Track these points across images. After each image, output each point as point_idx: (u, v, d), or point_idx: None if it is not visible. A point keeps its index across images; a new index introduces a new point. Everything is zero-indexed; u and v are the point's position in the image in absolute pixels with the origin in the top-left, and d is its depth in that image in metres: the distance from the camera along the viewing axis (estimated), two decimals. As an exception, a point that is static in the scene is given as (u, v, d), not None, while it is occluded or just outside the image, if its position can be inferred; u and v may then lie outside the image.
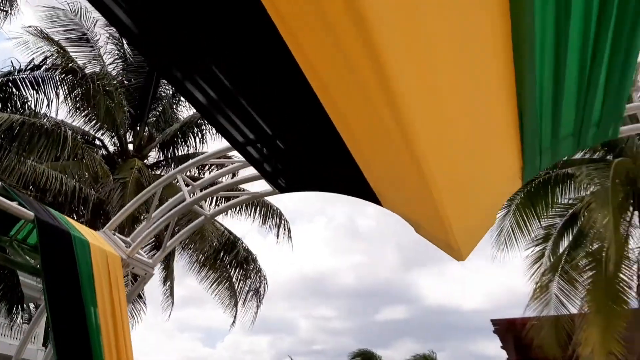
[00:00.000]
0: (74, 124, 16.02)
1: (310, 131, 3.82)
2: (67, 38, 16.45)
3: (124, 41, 17.71)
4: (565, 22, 2.72)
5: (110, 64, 17.49)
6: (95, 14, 16.71)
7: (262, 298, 15.26)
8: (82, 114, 15.72)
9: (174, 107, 18.05)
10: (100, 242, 4.90)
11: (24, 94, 13.84)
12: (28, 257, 4.89)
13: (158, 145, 16.29)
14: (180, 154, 17.16)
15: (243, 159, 4.67)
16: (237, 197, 5.76)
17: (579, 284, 12.56)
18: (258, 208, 16.19)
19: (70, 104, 15.15)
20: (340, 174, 4.15)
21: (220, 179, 7.25)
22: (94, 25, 16.66)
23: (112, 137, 16.57)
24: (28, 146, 10.16)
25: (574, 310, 12.52)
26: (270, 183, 4.60)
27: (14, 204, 4.48)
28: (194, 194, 5.96)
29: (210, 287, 16.15)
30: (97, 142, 16.41)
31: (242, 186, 5.97)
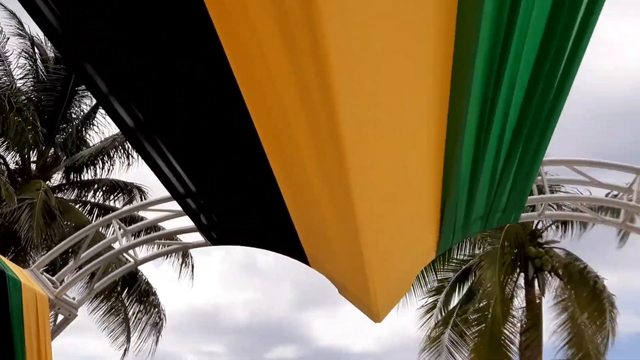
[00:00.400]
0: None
1: (250, 188, 4.09)
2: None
3: (38, 57, 17.17)
4: (487, 130, 3.24)
5: (20, 79, 16.81)
6: (7, 28, 16.15)
7: (160, 332, 14.89)
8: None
9: (84, 130, 17.54)
10: (29, 281, 4.81)
11: None
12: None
13: (64, 168, 15.72)
14: (86, 178, 16.66)
15: (178, 208, 4.85)
16: (170, 245, 5.81)
17: (468, 337, 13.46)
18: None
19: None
20: (273, 231, 4.43)
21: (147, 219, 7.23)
22: (6, 40, 16.05)
23: (15, 155, 15.81)
24: None
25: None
26: (204, 235, 4.79)
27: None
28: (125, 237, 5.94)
29: (103, 317, 15.49)
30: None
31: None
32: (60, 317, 5.52)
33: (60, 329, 5.46)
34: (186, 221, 5.39)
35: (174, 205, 5.55)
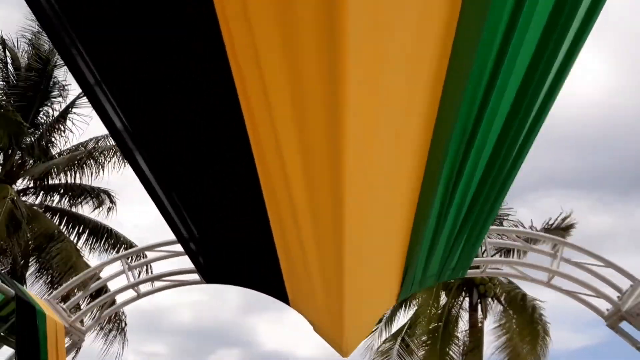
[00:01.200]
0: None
1: (248, 239, 4.80)
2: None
3: (8, 60, 17.29)
4: (447, 209, 4.06)
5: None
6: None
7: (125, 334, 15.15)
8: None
9: (52, 135, 17.70)
10: (49, 311, 5.35)
11: None
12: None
13: (31, 174, 15.91)
14: (51, 182, 16.86)
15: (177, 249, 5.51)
16: (170, 281, 6.45)
17: (415, 353, 14.44)
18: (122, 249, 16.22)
19: None
20: (262, 276, 5.15)
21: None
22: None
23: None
24: None
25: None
26: (200, 274, 5.46)
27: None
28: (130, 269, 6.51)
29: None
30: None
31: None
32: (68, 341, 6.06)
33: (69, 352, 5.98)
34: (183, 261, 6.06)
35: (174, 247, 6.21)
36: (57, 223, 15.58)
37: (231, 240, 4.96)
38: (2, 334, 5.33)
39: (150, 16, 2.55)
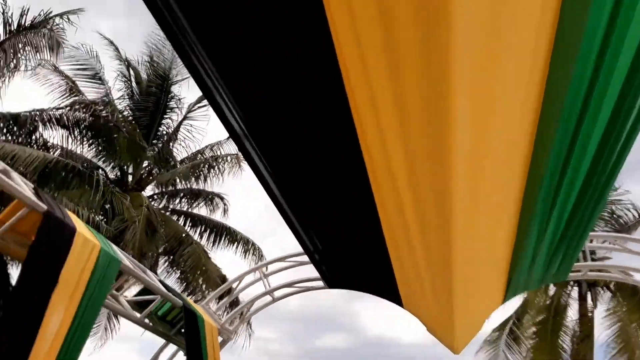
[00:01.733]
0: (77, 151, 17.22)
1: (365, 250, 5.53)
2: (81, 74, 17.75)
3: (132, 79, 19.09)
4: (548, 220, 4.54)
5: (117, 98, 18.83)
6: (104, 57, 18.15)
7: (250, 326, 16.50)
8: (87, 143, 16.95)
9: (171, 144, 19.39)
10: (206, 316, 6.48)
11: (48, 130, 15.16)
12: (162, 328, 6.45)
13: (159, 181, 17.66)
14: (173, 189, 18.59)
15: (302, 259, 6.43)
16: (301, 287, 7.40)
17: (522, 343, 14.63)
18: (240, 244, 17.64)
19: (77, 134, 16.50)
20: (377, 280, 5.88)
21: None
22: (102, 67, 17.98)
23: (114, 168, 17.83)
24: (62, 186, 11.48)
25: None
26: (324, 281, 6.29)
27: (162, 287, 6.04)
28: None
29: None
30: (100, 171, 17.65)
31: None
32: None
33: (221, 347, 7.11)
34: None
35: (301, 258, 7.13)
36: (182, 224, 17.31)
37: (349, 251, 5.72)
38: (172, 335, 6.56)
39: (271, 33, 2.81)
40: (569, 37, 2.48)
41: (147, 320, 6.19)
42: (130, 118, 18.65)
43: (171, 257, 15.51)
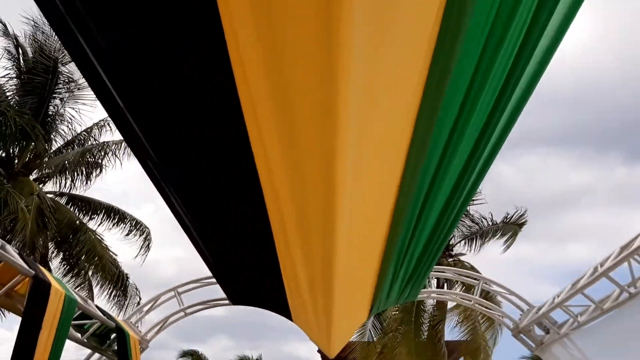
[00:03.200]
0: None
1: (262, 272, 6.70)
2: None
3: (21, 57, 18.44)
4: (404, 258, 6.03)
5: (2, 76, 18.19)
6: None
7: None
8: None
9: (57, 125, 19.03)
10: (130, 330, 7.41)
11: None
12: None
13: (49, 166, 17.48)
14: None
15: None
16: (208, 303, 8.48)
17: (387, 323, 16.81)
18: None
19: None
20: (271, 298, 7.14)
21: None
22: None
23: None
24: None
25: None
26: (229, 299, 7.44)
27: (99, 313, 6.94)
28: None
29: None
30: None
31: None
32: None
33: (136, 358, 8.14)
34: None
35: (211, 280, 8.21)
36: (72, 209, 17.34)
37: (248, 275, 6.90)
38: (103, 348, 7.49)
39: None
40: (427, 124, 3.12)
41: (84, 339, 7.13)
42: (18, 98, 18.18)
43: (64, 248, 15.67)
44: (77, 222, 16.40)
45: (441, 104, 2.99)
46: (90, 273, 16.39)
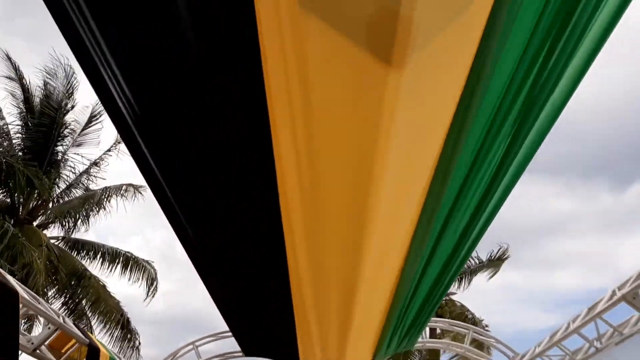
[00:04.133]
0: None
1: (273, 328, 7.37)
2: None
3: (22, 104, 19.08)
4: (405, 316, 6.76)
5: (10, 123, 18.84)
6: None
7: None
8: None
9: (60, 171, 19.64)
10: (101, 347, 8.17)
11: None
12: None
13: (54, 213, 18.04)
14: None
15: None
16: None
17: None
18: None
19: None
20: (284, 352, 7.80)
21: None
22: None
23: (5, 197, 17.95)
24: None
25: None
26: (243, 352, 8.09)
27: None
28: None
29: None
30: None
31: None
32: None
33: None
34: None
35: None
36: (75, 254, 17.88)
37: (263, 331, 7.58)
38: None
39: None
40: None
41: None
42: (23, 147, 18.83)
43: (68, 295, 16.16)
44: (81, 268, 16.94)
45: (445, 193, 3.56)
46: (90, 315, 16.87)
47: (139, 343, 17.32)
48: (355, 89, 2.44)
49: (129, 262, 18.19)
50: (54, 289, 16.76)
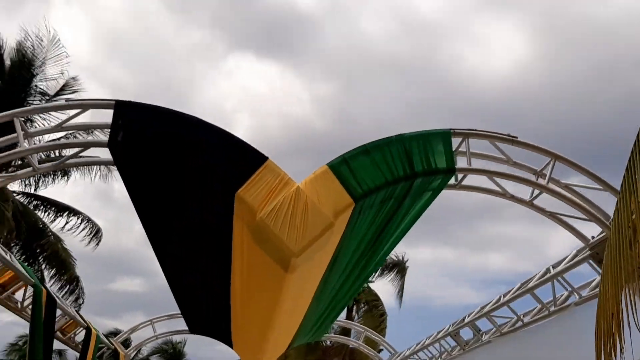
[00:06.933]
0: None
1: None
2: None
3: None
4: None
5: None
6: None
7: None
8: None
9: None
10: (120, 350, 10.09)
11: None
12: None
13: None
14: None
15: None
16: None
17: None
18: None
19: None
20: (217, 328, 9.90)
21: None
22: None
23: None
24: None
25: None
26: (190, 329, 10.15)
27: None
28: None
29: None
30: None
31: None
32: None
33: None
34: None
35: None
36: (34, 209, 19.16)
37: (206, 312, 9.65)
38: None
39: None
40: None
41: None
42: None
43: (27, 249, 17.66)
44: (41, 224, 18.40)
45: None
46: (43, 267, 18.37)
47: (83, 302, 18.99)
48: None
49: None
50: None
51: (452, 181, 6.31)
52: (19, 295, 8.71)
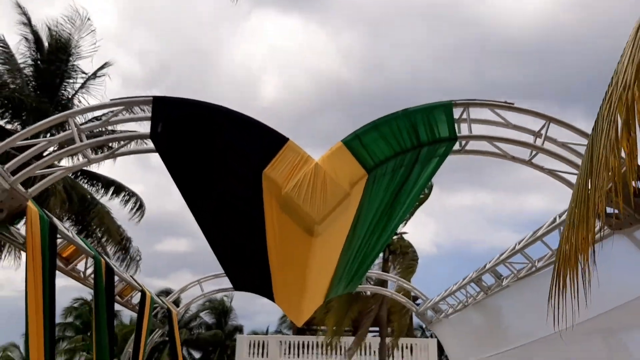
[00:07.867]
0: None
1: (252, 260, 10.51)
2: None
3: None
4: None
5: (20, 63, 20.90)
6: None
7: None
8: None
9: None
10: (148, 292, 11.33)
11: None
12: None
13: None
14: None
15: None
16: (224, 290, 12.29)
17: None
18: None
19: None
20: (259, 283, 10.97)
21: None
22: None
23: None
24: None
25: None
26: (233, 286, 11.26)
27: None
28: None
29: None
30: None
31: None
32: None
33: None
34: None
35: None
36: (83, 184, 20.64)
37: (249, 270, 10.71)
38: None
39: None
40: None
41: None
42: (34, 83, 20.99)
43: (79, 220, 19.17)
44: (89, 196, 19.81)
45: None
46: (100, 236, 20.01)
47: (137, 268, 20.65)
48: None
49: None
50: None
51: (456, 147, 6.99)
52: (80, 266, 9.88)
